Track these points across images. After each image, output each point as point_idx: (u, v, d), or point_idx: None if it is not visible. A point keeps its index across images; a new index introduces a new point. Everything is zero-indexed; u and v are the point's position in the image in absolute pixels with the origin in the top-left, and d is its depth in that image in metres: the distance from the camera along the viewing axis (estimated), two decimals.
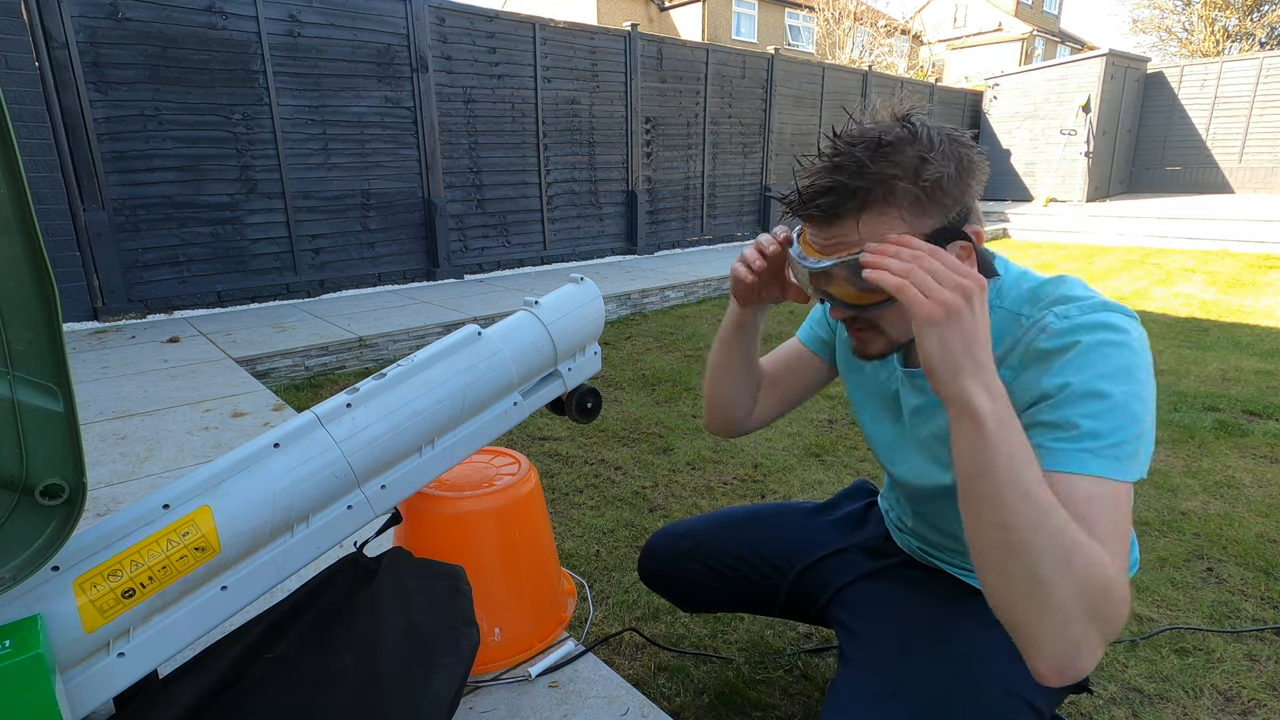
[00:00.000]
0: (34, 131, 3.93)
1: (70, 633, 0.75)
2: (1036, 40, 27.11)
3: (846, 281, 0.77)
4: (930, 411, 0.89)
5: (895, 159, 0.73)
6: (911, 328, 0.73)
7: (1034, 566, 0.61)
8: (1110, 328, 0.70)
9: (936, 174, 0.73)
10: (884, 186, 0.73)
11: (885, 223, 0.74)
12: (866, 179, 0.73)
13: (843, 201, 0.74)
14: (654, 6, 21.03)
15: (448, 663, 0.90)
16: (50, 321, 0.63)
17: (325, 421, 0.94)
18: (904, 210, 0.74)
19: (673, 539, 1.26)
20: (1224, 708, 1.33)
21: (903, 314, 0.77)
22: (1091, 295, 0.75)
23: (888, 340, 0.82)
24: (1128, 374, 0.68)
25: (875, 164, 0.73)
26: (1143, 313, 4.89)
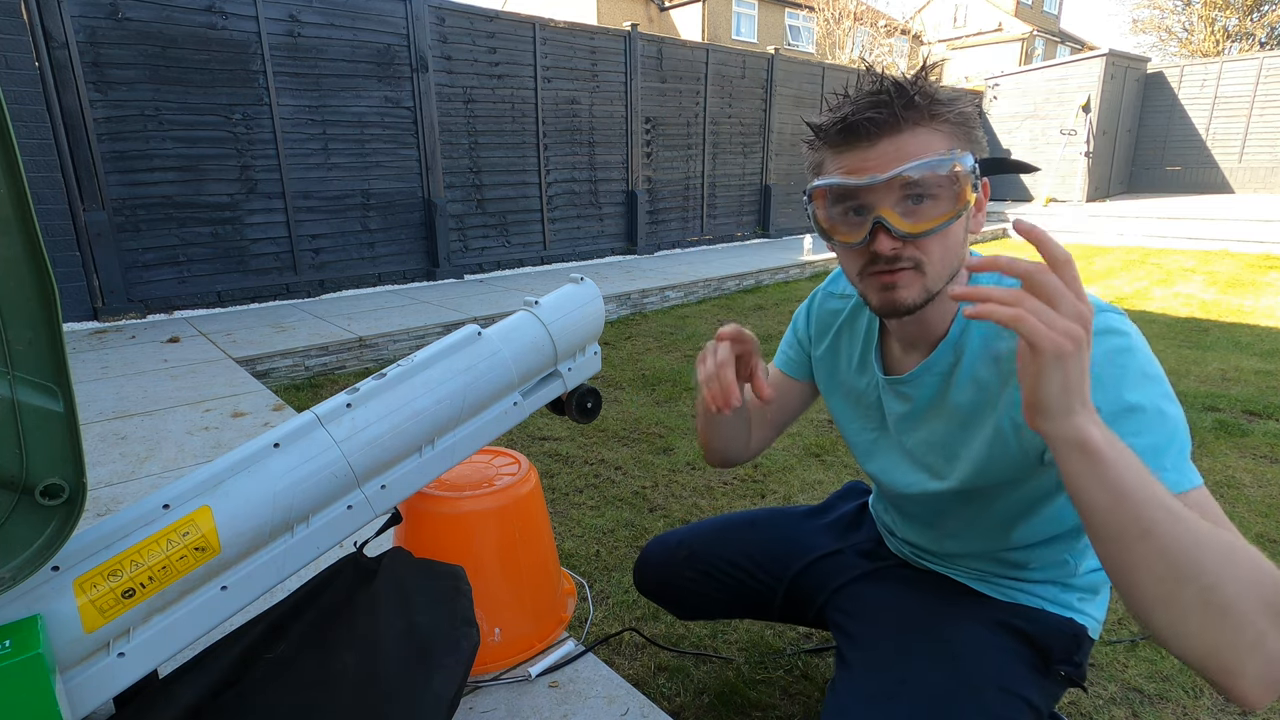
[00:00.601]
0: (34, 131, 3.93)
1: (70, 633, 0.75)
2: (1036, 40, 27.11)
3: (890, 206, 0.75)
4: (916, 419, 0.89)
5: (930, 90, 0.75)
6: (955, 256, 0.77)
7: (1207, 586, 0.54)
8: (1114, 332, 0.69)
9: (968, 107, 0.76)
10: (931, 107, 0.74)
11: (935, 138, 0.75)
12: (914, 99, 0.74)
13: (895, 114, 0.74)
14: (654, 6, 21.03)
15: (448, 663, 0.90)
16: (50, 321, 0.63)
17: (325, 421, 0.94)
18: (949, 133, 0.75)
19: (668, 548, 1.25)
20: (1224, 708, 1.33)
21: (950, 248, 0.76)
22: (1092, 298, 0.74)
23: (925, 285, 0.77)
24: (1147, 379, 0.67)
25: (916, 89, 0.74)
26: (1143, 313, 4.89)
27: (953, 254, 0.77)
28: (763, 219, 8.90)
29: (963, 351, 0.81)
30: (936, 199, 0.74)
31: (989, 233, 9.96)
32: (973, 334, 0.81)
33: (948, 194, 0.74)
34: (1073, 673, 0.86)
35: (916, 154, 0.74)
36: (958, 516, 0.92)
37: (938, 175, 0.73)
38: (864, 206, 0.76)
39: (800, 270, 6.74)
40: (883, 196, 0.75)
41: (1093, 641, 0.90)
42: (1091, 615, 0.90)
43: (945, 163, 0.73)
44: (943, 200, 0.74)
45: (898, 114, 0.73)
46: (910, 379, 0.87)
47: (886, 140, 0.74)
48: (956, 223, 0.75)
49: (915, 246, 0.76)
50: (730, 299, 5.70)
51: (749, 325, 4.66)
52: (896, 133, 0.74)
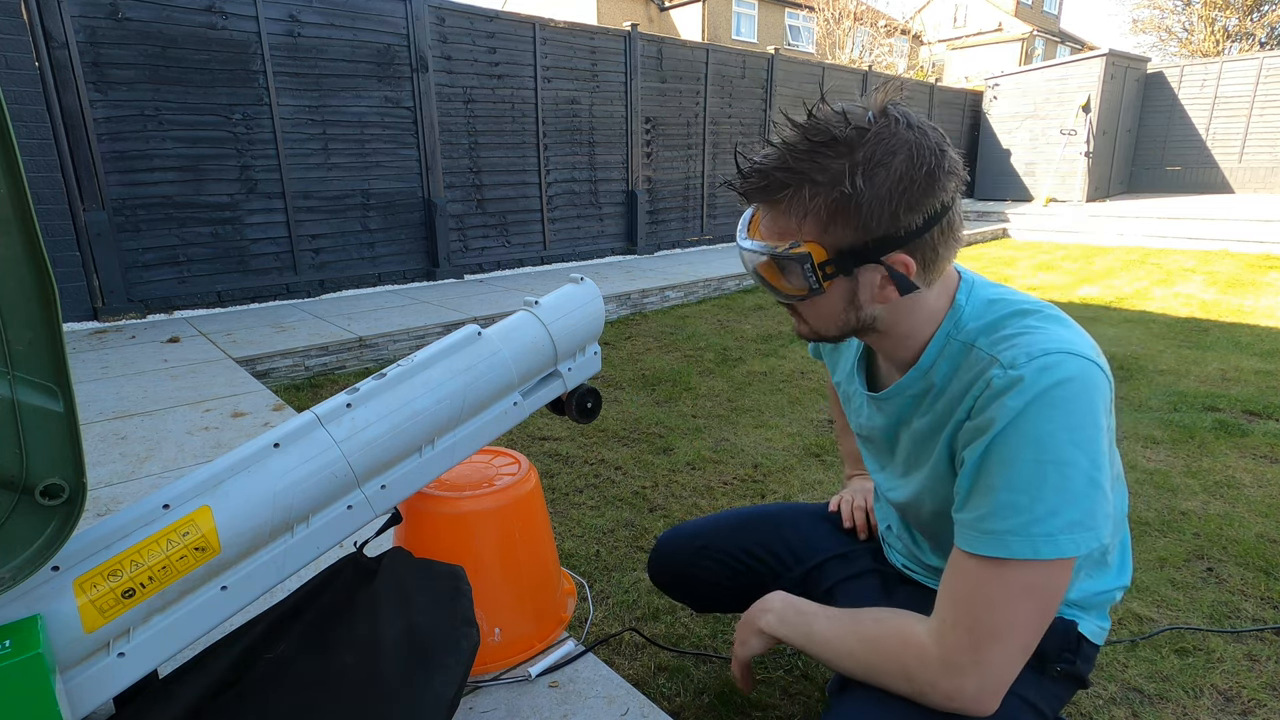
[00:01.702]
0: (34, 131, 3.93)
1: (70, 633, 0.75)
2: (1036, 40, 27.11)
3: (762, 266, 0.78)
4: (893, 432, 0.91)
5: (823, 162, 0.70)
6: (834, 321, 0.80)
7: (863, 675, 0.80)
8: (1048, 387, 0.68)
9: (859, 191, 0.69)
10: (798, 186, 0.71)
11: (783, 223, 0.74)
12: (786, 173, 0.72)
13: (767, 185, 0.73)
14: (654, 6, 21.03)
15: (448, 663, 0.90)
16: (50, 321, 0.63)
17: (325, 421, 0.94)
18: (811, 217, 0.72)
19: (683, 539, 1.27)
20: (1224, 708, 1.33)
21: (821, 310, 0.79)
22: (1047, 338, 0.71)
23: (810, 328, 0.83)
24: (1044, 444, 0.67)
25: (799, 161, 0.71)
26: (1143, 313, 4.89)
27: (833, 316, 0.79)
28: None
29: (934, 379, 0.82)
30: (789, 275, 0.75)
31: (988, 232, 9.96)
32: (944, 363, 0.81)
33: (798, 276, 0.74)
34: (1069, 669, 0.86)
35: (775, 234, 0.75)
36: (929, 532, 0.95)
37: (764, 263, 0.76)
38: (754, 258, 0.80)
39: None
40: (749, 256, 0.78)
41: (1095, 646, 0.89)
42: (1090, 620, 0.90)
43: (779, 257, 0.74)
44: (796, 279, 0.75)
45: (770, 189, 0.73)
46: (885, 396, 0.89)
47: (765, 209, 0.76)
48: (828, 298, 0.77)
49: (792, 305, 0.80)
50: (730, 299, 5.70)
51: (749, 325, 4.66)
52: (769, 205, 0.75)
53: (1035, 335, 0.72)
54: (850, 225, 0.71)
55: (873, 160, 0.69)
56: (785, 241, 0.74)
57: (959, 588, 0.72)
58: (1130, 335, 4.25)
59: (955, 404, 0.78)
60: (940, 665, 0.72)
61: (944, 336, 0.80)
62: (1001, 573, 0.69)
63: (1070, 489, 0.67)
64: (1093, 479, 0.68)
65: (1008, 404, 0.69)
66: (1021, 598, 0.69)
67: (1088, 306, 5.16)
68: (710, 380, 3.47)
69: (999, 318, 0.78)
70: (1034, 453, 0.67)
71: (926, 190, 0.71)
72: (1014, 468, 0.68)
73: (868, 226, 0.71)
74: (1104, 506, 0.69)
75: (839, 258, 0.73)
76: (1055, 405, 0.67)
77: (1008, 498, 0.68)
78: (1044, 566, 0.68)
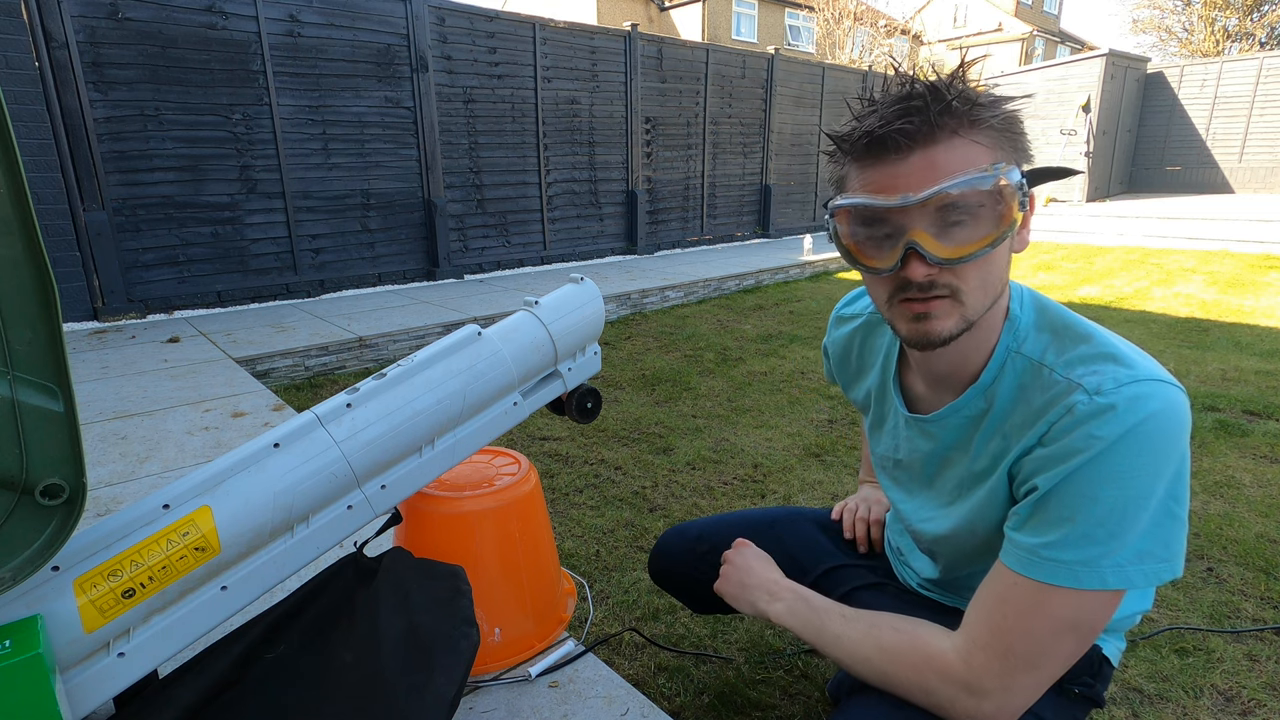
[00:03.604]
0: (34, 131, 3.93)
1: (70, 633, 0.75)
2: (1036, 40, 27.11)
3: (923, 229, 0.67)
4: (940, 459, 0.84)
5: (968, 94, 0.66)
6: (1001, 276, 0.71)
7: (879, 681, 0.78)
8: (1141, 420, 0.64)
9: (1013, 114, 0.67)
10: (971, 112, 0.66)
11: (975, 151, 0.66)
12: (951, 104, 0.65)
13: (929, 123, 0.65)
14: (654, 6, 21.03)
15: (448, 663, 0.90)
16: (50, 321, 0.63)
17: (325, 421, 0.94)
18: (990, 143, 0.67)
19: (688, 540, 1.24)
20: (1224, 708, 1.33)
21: (992, 273, 0.69)
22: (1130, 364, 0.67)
23: (962, 314, 0.70)
24: (1130, 481, 0.64)
25: (953, 92, 0.65)
26: (1143, 313, 4.89)
27: (995, 279, 0.70)
28: (763, 219, 8.91)
29: (994, 398, 0.75)
30: (977, 220, 0.66)
31: None
32: (1007, 380, 0.74)
33: (990, 214, 0.66)
34: (1086, 691, 0.84)
35: (954, 169, 0.65)
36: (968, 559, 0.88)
37: (979, 193, 0.65)
38: (895, 229, 0.68)
39: (800, 270, 6.74)
40: (916, 218, 0.67)
41: (1113, 667, 0.88)
42: (1111, 642, 0.88)
43: (988, 179, 0.65)
44: (984, 221, 0.66)
45: (932, 122, 0.65)
46: (936, 419, 0.82)
47: (919, 154, 0.66)
48: (1003, 246, 0.68)
49: (952, 273, 0.68)
50: (730, 299, 5.70)
51: (749, 325, 4.66)
52: (931, 144, 0.66)
53: (1118, 361, 0.68)
54: (1015, 149, 0.68)
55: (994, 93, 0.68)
56: (973, 170, 0.65)
57: (998, 611, 0.69)
58: (1130, 335, 4.25)
59: (1024, 429, 0.71)
60: (964, 686, 0.70)
61: (1004, 350, 0.75)
62: (1050, 601, 0.66)
63: (1149, 523, 0.64)
64: (1172, 512, 0.65)
65: (1096, 434, 0.65)
66: (1066, 631, 0.67)
67: (1088, 306, 5.15)
68: (710, 380, 3.47)
69: (1061, 329, 0.73)
70: (1118, 489, 0.64)
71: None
72: (1096, 503, 0.65)
73: (1025, 154, 0.69)
74: (1180, 540, 0.66)
75: (1023, 181, 0.67)
76: (1146, 439, 0.64)
77: (1085, 530, 0.65)
78: (1100, 597, 0.66)
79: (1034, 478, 0.70)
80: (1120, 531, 0.64)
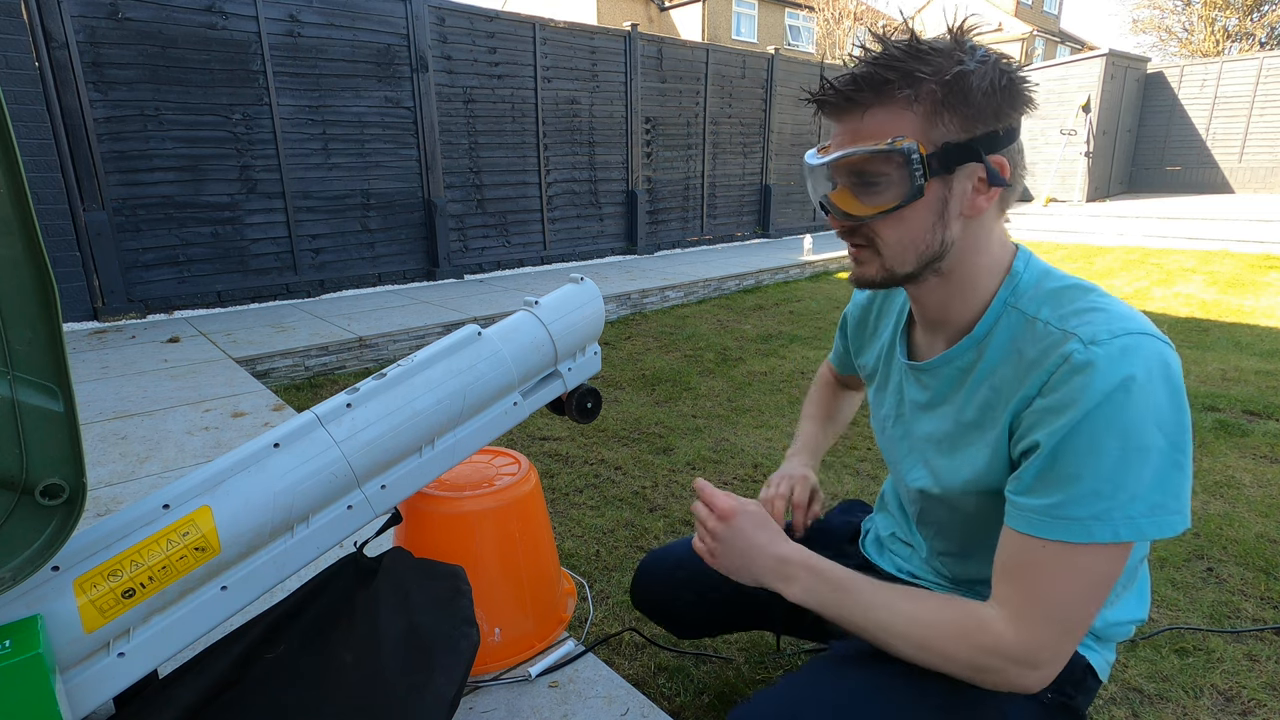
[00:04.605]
0: (34, 131, 3.93)
1: (70, 633, 0.75)
2: (1036, 40, 27.11)
3: (843, 185, 0.75)
4: (930, 409, 0.86)
5: (929, 58, 0.70)
6: (919, 240, 0.74)
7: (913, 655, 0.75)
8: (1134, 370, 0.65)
9: (966, 79, 0.69)
10: (907, 80, 0.69)
11: (894, 120, 0.70)
12: (893, 70, 0.70)
13: (860, 88, 0.71)
14: (654, 6, 21.02)
15: (448, 663, 0.90)
16: (50, 321, 0.63)
17: (325, 421, 0.94)
18: (918, 107, 0.70)
19: (666, 568, 1.21)
20: (1224, 708, 1.33)
21: (903, 234, 0.75)
22: (1123, 316, 0.70)
23: (883, 265, 0.77)
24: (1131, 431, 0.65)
25: (905, 59, 0.70)
26: (1143, 312, 4.89)
27: (916, 237, 0.74)
28: (763, 219, 8.90)
29: (985, 350, 0.78)
30: (878, 185, 0.72)
31: None
32: (1000, 334, 0.77)
33: (891, 182, 0.71)
34: (1058, 698, 0.81)
35: (872, 136, 0.71)
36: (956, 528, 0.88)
37: (879, 161, 0.71)
38: (824, 184, 0.77)
39: (800, 270, 6.74)
40: (836, 176, 0.75)
41: (1098, 680, 0.85)
42: (1101, 653, 0.86)
43: (884, 152, 0.70)
44: (885, 187, 0.72)
45: (863, 90, 0.71)
46: (929, 367, 0.85)
47: (852, 118, 0.73)
48: (917, 209, 0.73)
49: (868, 226, 0.75)
50: (730, 299, 5.70)
51: (749, 325, 4.66)
52: (861, 110, 0.72)
53: (1110, 313, 0.70)
54: (957, 116, 0.70)
55: (974, 55, 0.70)
56: (882, 141, 0.71)
57: (1031, 578, 0.70)
58: None
59: (1016, 381, 0.73)
60: (1015, 659, 0.70)
61: (1001, 304, 0.77)
62: (1077, 559, 0.68)
63: (1155, 473, 0.65)
64: (1177, 462, 0.66)
65: (1092, 384, 0.66)
66: (1099, 587, 0.69)
67: None
68: (710, 380, 3.47)
69: (1060, 288, 0.75)
70: (1120, 440, 0.65)
71: (1020, 95, 0.71)
72: (1099, 456, 0.66)
73: (974, 118, 0.70)
74: (1186, 489, 0.67)
75: (943, 153, 0.70)
76: (1142, 388, 0.65)
77: (1092, 486, 0.66)
78: (1118, 550, 0.67)
79: (1034, 433, 0.70)
80: (1126, 482, 0.65)
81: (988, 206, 0.74)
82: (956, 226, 0.74)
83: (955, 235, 0.75)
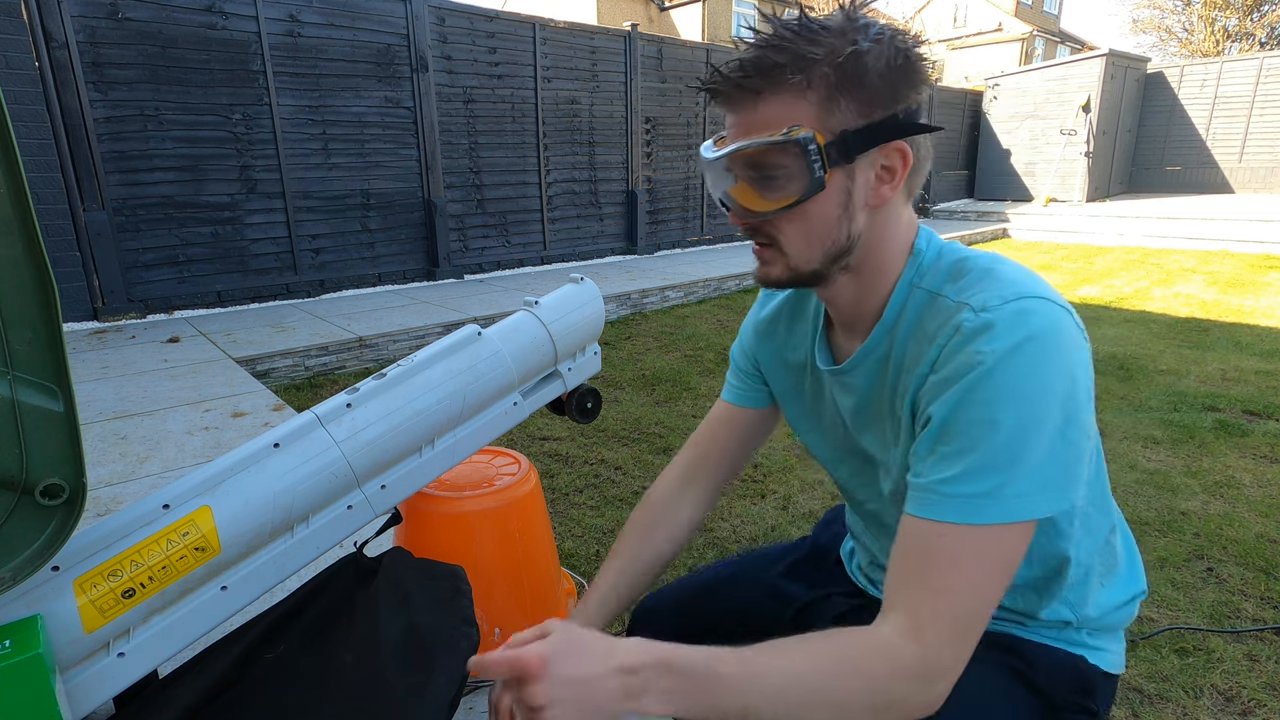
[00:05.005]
0: (34, 131, 3.93)
1: (70, 633, 0.75)
2: (1036, 40, 27.10)
3: (742, 179, 0.69)
4: (865, 413, 0.79)
5: (820, 38, 0.64)
6: (825, 235, 0.69)
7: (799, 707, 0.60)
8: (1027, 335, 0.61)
9: (860, 60, 0.64)
10: (798, 64, 0.64)
11: (789, 108, 0.65)
12: (783, 53, 0.64)
13: (749, 76, 0.65)
14: (654, 6, 21.02)
15: (448, 663, 0.90)
16: (50, 321, 0.63)
17: (325, 421, 0.94)
18: (811, 95, 0.64)
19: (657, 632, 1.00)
20: (1224, 708, 1.33)
21: (807, 230, 0.69)
22: (1016, 282, 0.65)
23: (788, 264, 0.72)
24: (1023, 400, 0.60)
25: (794, 40, 0.64)
26: (1143, 313, 4.89)
27: (821, 232, 0.69)
28: None
29: (896, 335, 0.73)
30: (776, 179, 0.67)
31: (988, 232, 9.95)
32: (909, 316, 0.72)
33: (793, 174, 0.66)
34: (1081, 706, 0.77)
35: (766, 127, 0.65)
36: None
37: (775, 153, 0.66)
38: (724, 178, 0.71)
39: None
40: (734, 169, 0.69)
41: (1115, 677, 0.80)
42: (1108, 649, 0.81)
43: (779, 143, 0.65)
44: (784, 181, 0.67)
45: (752, 77, 0.65)
46: (849, 368, 0.78)
47: (745, 108, 0.67)
48: (820, 203, 0.67)
49: (770, 224, 0.70)
50: (730, 299, 5.70)
51: None
52: (753, 98, 0.66)
53: (1005, 279, 0.66)
54: (854, 101, 0.65)
55: (869, 32, 0.65)
56: (777, 132, 0.65)
57: (926, 571, 0.63)
58: (1130, 335, 4.25)
59: (919, 358, 0.68)
60: (918, 674, 0.60)
61: (907, 286, 0.72)
62: (971, 543, 0.61)
63: (1047, 448, 0.61)
64: (1069, 438, 0.61)
65: (981, 350, 0.62)
66: (999, 573, 0.62)
67: (1088, 306, 5.15)
68: (710, 380, 3.47)
69: (960, 260, 0.71)
70: (1014, 409, 0.60)
71: (920, 74, 0.66)
72: (995, 427, 0.61)
73: (872, 102, 0.65)
74: (1079, 467, 0.63)
75: (841, 141, 0.65)
76: (1034, 354, 0.61)
77: (983, 459, 0.61)
78: (1015, 530, 0.61)
79: (929, 408, 0.66)
80: (1021, 456, 0.60)
81: (893, 195, 0.69)
82: (862, 218, 0.70)
83: (861, 227, 0.70)
